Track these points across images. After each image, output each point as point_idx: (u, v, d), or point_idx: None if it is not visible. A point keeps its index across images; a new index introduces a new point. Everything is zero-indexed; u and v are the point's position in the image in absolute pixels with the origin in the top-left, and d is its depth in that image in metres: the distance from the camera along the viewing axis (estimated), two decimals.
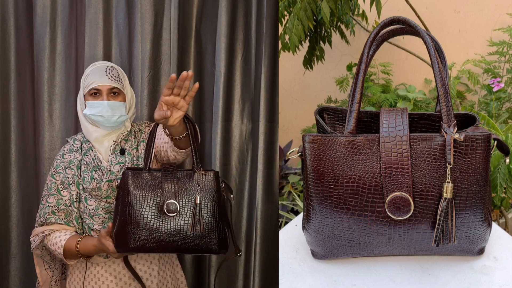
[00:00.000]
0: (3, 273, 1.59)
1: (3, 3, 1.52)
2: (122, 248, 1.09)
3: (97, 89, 1.23)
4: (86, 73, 1.28)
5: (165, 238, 1.08)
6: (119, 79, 1.27)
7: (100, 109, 1.22)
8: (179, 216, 1.09)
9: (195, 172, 1.13)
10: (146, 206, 1.08)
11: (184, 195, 1.11)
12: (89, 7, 1.52)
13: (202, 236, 1.10)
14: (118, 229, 1.09)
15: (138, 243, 1.07)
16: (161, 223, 1.08)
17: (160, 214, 1.08)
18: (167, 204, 1.09)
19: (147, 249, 1.09)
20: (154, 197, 1.09)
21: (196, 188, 1.11)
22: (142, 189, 1.10)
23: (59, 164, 1.26)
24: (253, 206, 1.56)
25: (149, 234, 1.07)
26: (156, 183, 1.11)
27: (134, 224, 1.07)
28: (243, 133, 1.60)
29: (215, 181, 1.14)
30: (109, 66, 1.27)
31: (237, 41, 1.58)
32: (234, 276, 1.61)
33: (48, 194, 1.24)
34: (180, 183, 1.11)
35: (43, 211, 1.23)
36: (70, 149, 1.28)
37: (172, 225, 1.08)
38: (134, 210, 1.08)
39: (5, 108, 1.55)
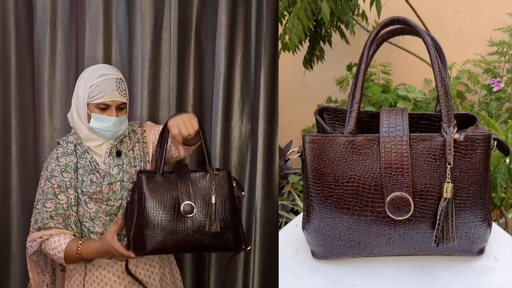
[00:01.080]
0: (3, 273, 1.59)
1: (3, 3, 1.52)
2: (141, 251, 1.11)
3: (106, 104, 1.22)
4: (93, 81, 1.22)
5: (182, 238, 1.10)
6: (126, 93, 1.27)
7: (109, 124, 1.22)
8: (195, 216, 1.11)
9: (208, 173, 1.15)
10: (163, 208, 1.11)
11: (199, 195, 1.13)
12: (89, 7, 1.52)
13: (219, 235, 1.12)
14: (135, 233, 1.10)
15: (156, 245, 1.09)
16: (178, 224, 1.11)
17: (177, 216, 1.11)
18: (183, 206, 1.11)
19: (165, 250, 1.11)
20: (170, 199, 1.12)
21: (210, 188, 1.14)
22: (157, 191, 1.12)
23: (54, 167, 1.23)
24: (253, 206, 1.56)
25: (166, 236, 1.10)
26: (170, 185, 1.13)
27: (152, 227, 1.09)
28: (243, 133, 1.60)
29: (228, 180, 1.17)
30: (118, 79, 1.24)
31: (237, 41, 1.58)
32: (234, 276, 1.61)
33: (45, 199, 1.22)
34: (194, 184, 1.14)
35: (40, 216, 1.21)
36: (64, 152, 1.25)
37: (189, 225, 1.11)
38: (151, 213, 1.10)
39: (5, 108, 1.54)
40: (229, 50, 1.55)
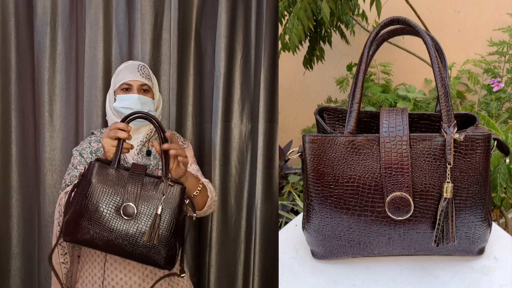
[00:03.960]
0: (3, 273, 1.60)
1: (3, 3, 1.52)
2: (70, 237, 1.06)
3: (128, 84, 1.27)
4: (117, 70, 1.33)
5: (114, 239, 1.04)
6: (150, 77, 1.32)
7: (130, 102, 1.25)
8: (134, 221, 1.05)
9: (162, 181, 1.09)
10: (104, 202, 1.05)
11: (145, 201, 1.07)
12: (89, 7, 1.52)
13: (152, 247, 1.06)
14: (70, 218, 1.05)
15: (86, 237, 1.04)
16: (114, 224, 1.05)
17: (116, 215, 1.05)
18: (124, 206, 1.05)
19: (93, 245, 1.06)
20: (115, 195, 1.06)
21: (159, 197, 1.08)
22: (104, 184, 1.06)
23: (85, 148, 1.27)
24: (253, 206, 1.56)
25: (99, 231, 1.04)
26: (120, 182, 1.07)
27: (88, 218, 1.04)
28: (243, 133, 1.60)
29: (180, 195, 1.09)
30: (141, 65, 1.33)
31: (237, 41, 1.58)
32: (234, 276, 1.61)
33: (79, 163, 1.23)
34: (144, 188, 1.08)
35: (70, 175, 1.22)
36: (96, 140, 1.29)
37: (125, 228, 1.05)
38: (91, 204, 1.04)
39: (5, 108, 1.55)
40: (229, 50, 1.55)
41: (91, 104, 1.52)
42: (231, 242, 1.60)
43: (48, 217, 1.56)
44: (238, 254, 1.61)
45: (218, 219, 1.57)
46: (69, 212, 1.06)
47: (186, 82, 1.59)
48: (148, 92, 1.30)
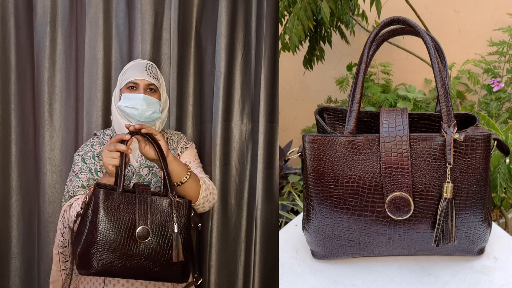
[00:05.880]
0: (3, 273, 1.59)
1: (3, 3, 1.52)
2: (85, 270, 1.03)
3: (134, 83, 1.24)
4: (125, 69, 1.30)
5: (132, 263, 1.03)
6: (157, 77, 1.29)
7: (135, 101, 1.22)
8: (149, 242, 1.04)
9: (169, 199, 1.08)
10: (116, 229, 1.03)
11: (157, 221, 1.06)
12: (89, 7, 1.52)
13: (169, 265, 1.06)
14: (83, 250, 1.02)
15: (103, 267, 1.02)
16: (130, 248, 1.03)
17: (131, 239, 1.03)
18: (138, 230, 1.04)
19: (111, 273, 1.04)
20: (126, 221, 1.04)
21: (171, 215, 1.07)
22: (114, 211, 1.03)
23: (88, 152, 1.26)
24: (253, 206, 1.56)
25: (115, 259, 1.02)
26: (129, 205, 1.05)
27: (101, 247, 1.01)
28: (243, 133, 1.60)
29: (187, 210, 1.10)
30: (148, 64, 1.30)
31: (237, 41, 1.58)
32: (234, 276, 1.61)
33: (80, 170, 1.22)
34: (153, 207, 1.07)
35: (72, 185, 1.20)
36: (99, 142, 1.28)
37: (142, 250, 1.04)
38: (103, 233, 1.02)
39: (5, 108, 1.55)
40: (229, 50, 1.55)
41: (91, 104, 1.52)
42: (231, 242, 1.60)
43: (48, 217, 1.56)
44: (238, 254, 1.61)
45: (218, 219, 1.57)
46: (81, 243, 1.04)
47: (186, 82, 1.59)
48: (155, 92, 1.27)
